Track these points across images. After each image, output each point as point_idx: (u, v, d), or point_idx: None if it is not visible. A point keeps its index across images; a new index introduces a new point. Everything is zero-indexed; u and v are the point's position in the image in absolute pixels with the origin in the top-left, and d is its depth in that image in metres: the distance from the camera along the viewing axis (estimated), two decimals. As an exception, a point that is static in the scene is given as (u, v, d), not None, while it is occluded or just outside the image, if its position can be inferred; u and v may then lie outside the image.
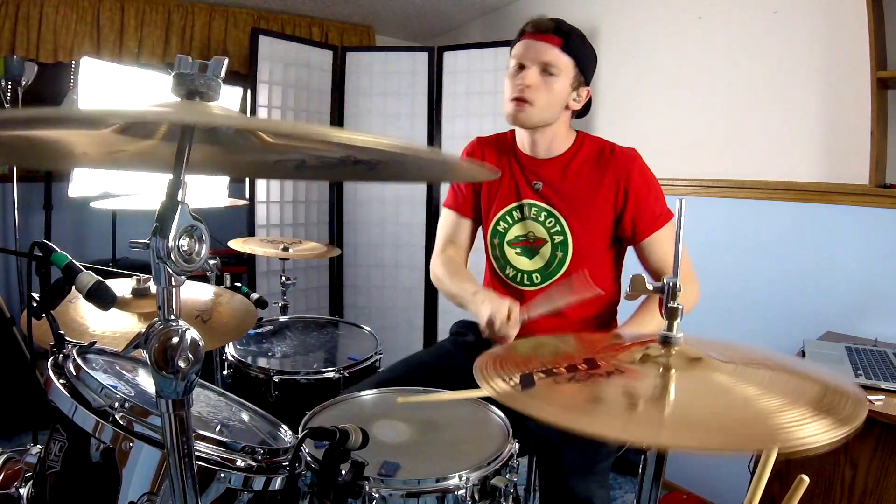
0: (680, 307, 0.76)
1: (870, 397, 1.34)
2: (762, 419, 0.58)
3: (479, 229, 1.61)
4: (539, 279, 1.47)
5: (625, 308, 1.48)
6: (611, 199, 1.40)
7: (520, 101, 1.35)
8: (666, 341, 0.76)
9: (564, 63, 1.35)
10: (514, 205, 1.46)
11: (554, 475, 1.31)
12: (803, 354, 1.63)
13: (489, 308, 1.22)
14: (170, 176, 0.60)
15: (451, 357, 1.52)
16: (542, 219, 1.44)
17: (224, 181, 3.12)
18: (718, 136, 2.35)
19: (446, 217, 1.61)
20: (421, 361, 1.53)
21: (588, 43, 1.40)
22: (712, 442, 0.54)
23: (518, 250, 1.48)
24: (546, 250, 1.44)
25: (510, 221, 1.48)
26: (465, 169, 0.98)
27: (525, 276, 1.48)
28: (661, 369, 0.71)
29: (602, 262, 1.47)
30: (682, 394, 0.66)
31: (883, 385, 1.38)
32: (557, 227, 1.43)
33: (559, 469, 1.30)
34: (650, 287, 0.79)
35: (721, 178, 2.31)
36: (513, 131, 1.53)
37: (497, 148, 1.53)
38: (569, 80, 1.37)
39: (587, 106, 1.46)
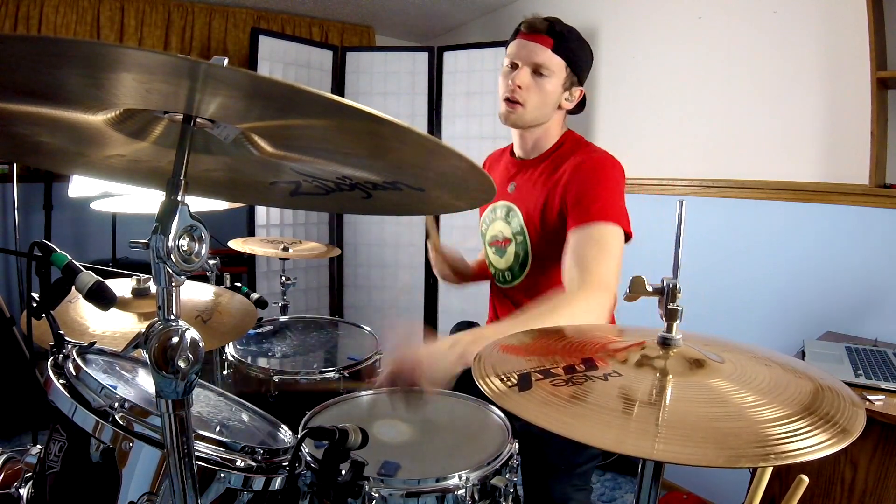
0: (680, 308, 0.75)
1: (870, 397, 1.34)
2: (759, 431, 0.58)
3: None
4: (510, 277, 1.49)
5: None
6: (559, 194, 1.32)
7: (510, 102, 1.36)
8: (665, 343, 0.75)
9: (556, 64, 1.34)
10: (491, 206, 1.51)
11: (534, 473, 1.31)
12: (803, 354, 1.63)
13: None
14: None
15: None
16: (508, 218, 1.46)
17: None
18: (718, 136, 2.35)
19: None
20: None
21: (584, 43, 1.39)
22: (707, 457, 0.54)
23: (493, 250, 1.52)
24: (511, 250, 1.46)
25: (487, 222, 1.53)
26: (468, 192, 0.83)
27: (501, 274, 1.51)
28: (658, 374, 0.71)
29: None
30: (679, 401, 0.66)
31: (883, 385, 1.38)
32: (518, 227, 1.43)
33: (540, 467, 1.30)
34: (650, 289, 0.78)
35: (721, 178, 2.31)
36: None
37: (500, 158, 1.58)
38: (560, 81, 1.36)
39: (581, 104, 1.44)
